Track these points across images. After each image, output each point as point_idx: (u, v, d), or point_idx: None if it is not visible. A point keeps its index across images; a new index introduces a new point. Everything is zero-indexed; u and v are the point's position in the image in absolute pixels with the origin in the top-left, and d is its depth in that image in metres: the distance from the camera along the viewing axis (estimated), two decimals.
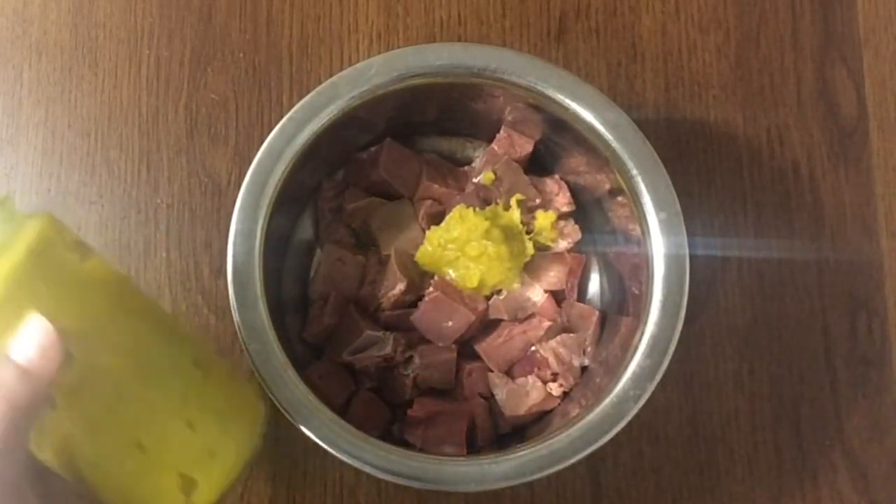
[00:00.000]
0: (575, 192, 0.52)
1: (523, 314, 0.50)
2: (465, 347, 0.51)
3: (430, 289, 0.50)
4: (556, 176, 0.52)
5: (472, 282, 0.49)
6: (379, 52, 0.51)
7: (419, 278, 0.50)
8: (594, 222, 0.52)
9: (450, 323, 0.49)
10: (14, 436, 0.31)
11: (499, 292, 0.50)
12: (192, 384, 0.39)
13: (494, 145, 0.52)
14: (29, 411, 0.32)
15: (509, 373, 0.51)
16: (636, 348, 0.44)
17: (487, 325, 0.51)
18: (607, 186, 0.49)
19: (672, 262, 0.45)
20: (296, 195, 0.50)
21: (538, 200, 0.51)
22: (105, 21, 0.56)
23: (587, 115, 0.46)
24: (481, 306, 0.50)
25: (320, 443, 0.42)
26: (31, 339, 0.31)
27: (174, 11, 0.56)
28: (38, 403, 0.32)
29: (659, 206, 0.45)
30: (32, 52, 0.56)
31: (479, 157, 0.53)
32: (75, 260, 0.34)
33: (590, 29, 0.57)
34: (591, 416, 0.43)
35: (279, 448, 0.51)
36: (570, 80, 0.47)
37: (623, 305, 0.50)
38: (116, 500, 0.37)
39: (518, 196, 0.51)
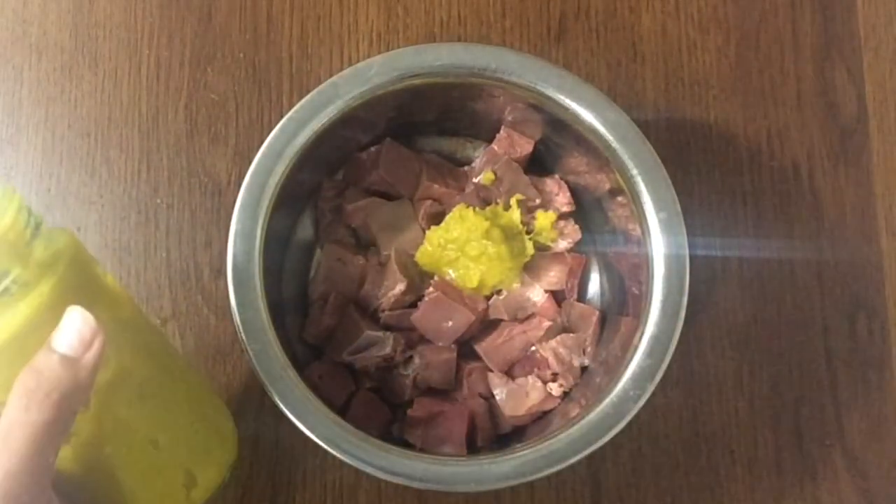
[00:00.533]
0: (575, 192, 0.52)
1: (523, 314, 0.50)
2: (465, 347, 0.51)
3: (430, 289, 0.50)
4: (557, 176, 0.52)
5: (472, 282, 0.49)
6: (379, 52, 0.51)
7: (419, 278, 0.50)
8: (594, 222, 0.52)
9: (450, 323, 0.49)
10: (61, 425, 0.32)
11: (499, 292, 0.50)
12: (194, 388, 0.43)
13: (494, 145, 0.52)
14: (73, 400, 0.32)
15: (509, 373, 0.51)
16: (636, 348, 0.44)
17: (487, 325, 0.51)
18: (607, 186, 0.49)
19: (672, 262, 0.45)
20: (296, 195, 0.50)
21: (538, 200, 0.51)
22: (105, 21, 0.56)
23: (587, 115, 0.46)
24: (481, 306, 0.50)
25: (320, 443, 0.42)
26: (72, 328, 0.32)
27: (174, 11, 0.56)
28: (82, 392, 0.32)
29: (659, 205, 0.45)
30: (32, 52, 0.56)
31: (479, 157, 0.53)
32: (99, 270, 0.36)
33: (590, 29, 0.57)
34: (591, 416, 0.43)
35: (279, 448, 0.51)
36: (570, 80, 0.47)
37: (623, 305, 0.50)
38: (124, 500, 0.38)
39: (518, 196, 0.51)
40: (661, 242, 0.45)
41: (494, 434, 0.50)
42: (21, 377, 0.31)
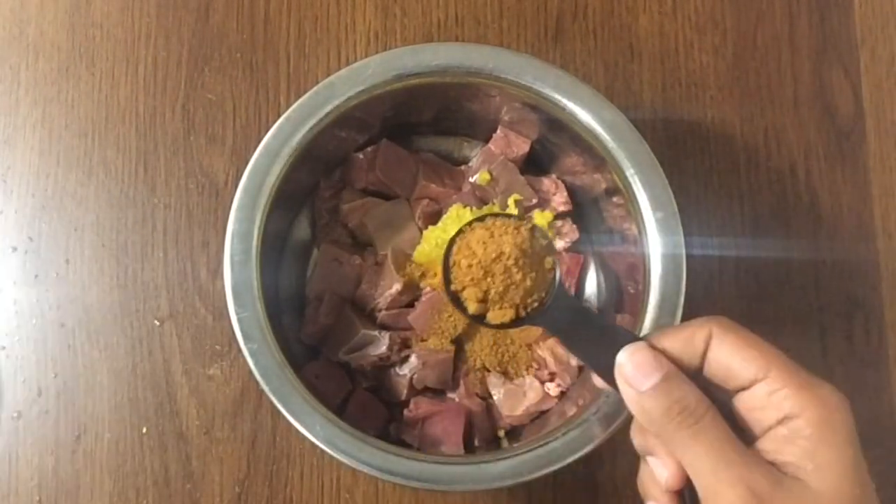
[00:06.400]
0: (572, 191, 0.52)
1: None
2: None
3: (427, 288, 0.49)
4: (554, 176, 0.52)
5: None
6: (376, 53, 0.51)
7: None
8: (591, 222, 0.52)
9: None
10: None
11: None
12: None
13: (491, 145, 0.52)
14: None
15: (507, 373, 0.50)
16: None
17: None
18: (604, 186, 0.49)
19: (669, 261, 0.45)
20: (293, 195, 0.50)
21: (535, 200, 0.51)
22: (102, 21, 0.56)
23: (584, 115, 0.46)
24: None
25: (317, 442, 0.42)
26: None
27: (171, 12, 0.56)
28: None
29: (656, 205, 0.45)
30: (30, 53, 0.56)
31: (475, 156, 0.53)
32: None
33: (587, 29, 0.57)
34: (589, 416, 0.43)
35: (276, 448, 0.51)
36: (568, 80, 0.47)
37: (620, 305, 0.50)
38: None
39: (515, 196, 0.51)
40: (657, 242, 0.45)
41: (492, 434, 0.50)
42: None
